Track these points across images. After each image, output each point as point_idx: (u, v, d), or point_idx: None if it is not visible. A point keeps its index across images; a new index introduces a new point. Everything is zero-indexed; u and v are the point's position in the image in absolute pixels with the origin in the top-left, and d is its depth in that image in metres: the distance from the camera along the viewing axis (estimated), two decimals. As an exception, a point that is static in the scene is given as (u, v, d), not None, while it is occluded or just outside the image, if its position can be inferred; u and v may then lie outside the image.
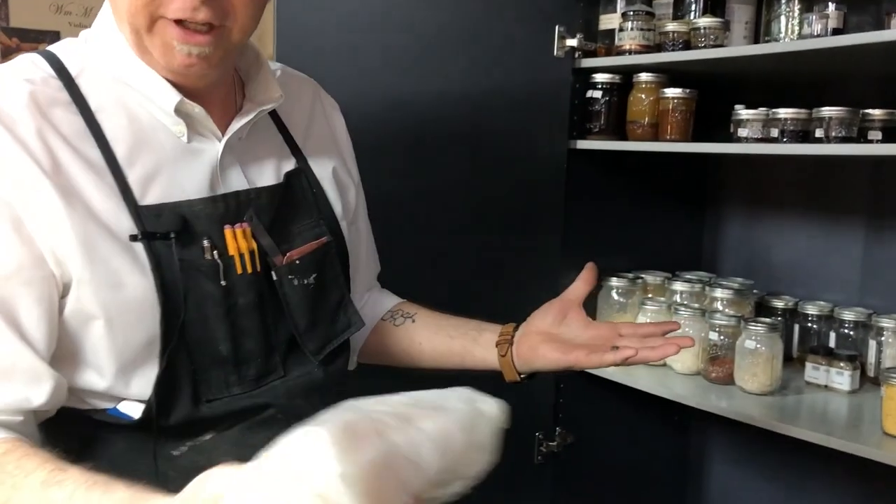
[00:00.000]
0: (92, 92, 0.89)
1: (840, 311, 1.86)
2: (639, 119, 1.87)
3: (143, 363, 0.87)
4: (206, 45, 0.86)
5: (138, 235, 0.85)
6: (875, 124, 1.56)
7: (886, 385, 1.53)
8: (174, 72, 0.88)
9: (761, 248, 2.16)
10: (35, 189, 0.82)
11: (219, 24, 0.86)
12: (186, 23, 0.84)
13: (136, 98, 0.90)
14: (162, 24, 0.85)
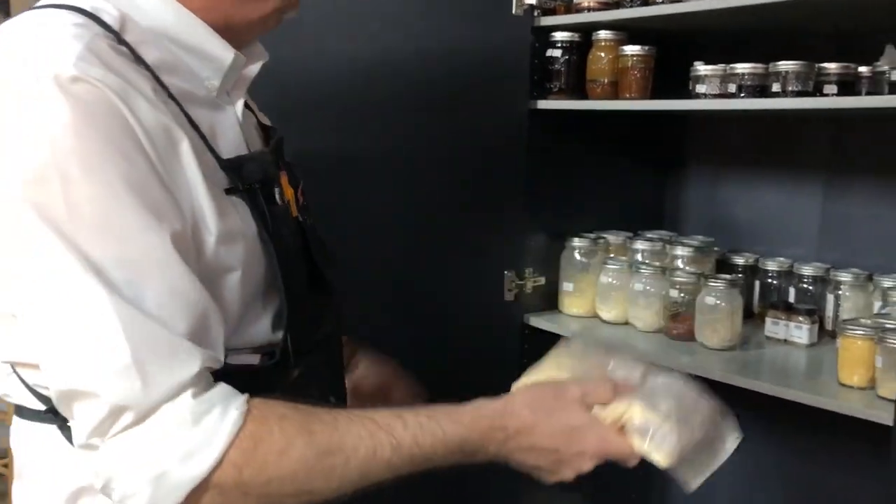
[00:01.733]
0: (141, 48, 0.82)
1: (799, 267, 1.88)
2: (598, 78, 1.86)
3: (255, 311, 0.89)
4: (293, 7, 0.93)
5: (238, 187, 0.87)
6: (831, 78, 1.56)
7: (842, 337, 1.55)
8: (264, 26, 0.91)
9: (723, 206, 2.17)
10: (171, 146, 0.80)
11: None
12: None
13: (176, 52, 0.87)
14: None
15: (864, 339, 1.50)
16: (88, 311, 0.72)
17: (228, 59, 0.90)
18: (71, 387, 0.74)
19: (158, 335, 0.74)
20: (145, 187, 0.75)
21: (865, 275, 1.79)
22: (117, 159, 0.74)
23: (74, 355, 0.73)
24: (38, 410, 0.85)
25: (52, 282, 0.73)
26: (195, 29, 0.87)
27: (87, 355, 0.73)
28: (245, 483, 0.76)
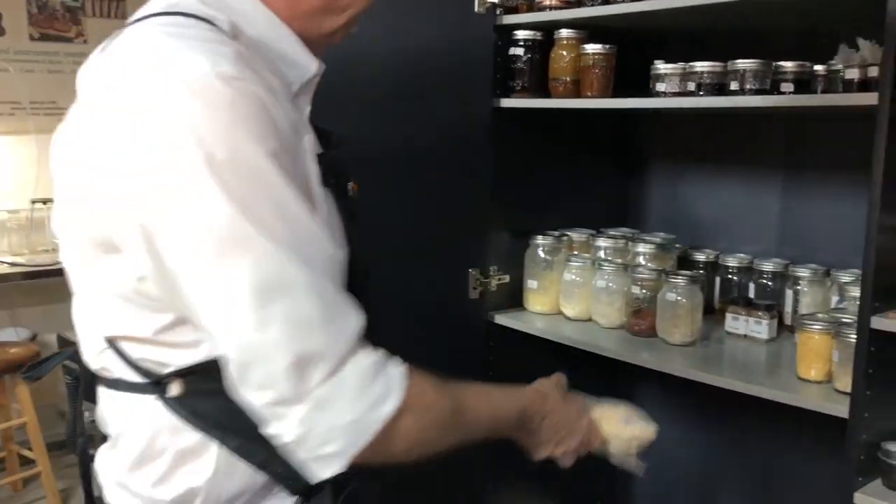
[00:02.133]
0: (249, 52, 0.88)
1: (759, 263, 1.90)
2: (561, 76, 1.87)
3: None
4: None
5: (330, 180, 0.93)
6: (787, 76, 1.58)
7: (800, 331, 1.58)
8: (330, 42, 1.00)
9: (684, 203, 2.19)
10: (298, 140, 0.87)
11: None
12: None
13: (273, 59, 0.92)
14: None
15: (821, 333, 1.53)
16: (284, 276, 0.79)
17: (313, 67, 0.97)
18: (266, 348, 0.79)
19: (336, 296, 0.83)
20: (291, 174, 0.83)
21: (823, 270, 1.82)
22: (271, 143, 0.80)
23: (272, 318, 0.79)
24: (136, 383, 0.90)
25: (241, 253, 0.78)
26: (288, 39, 0.94)
27: (284, 315, 0.79)
28: (410, 428, 0.88)
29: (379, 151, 1.86)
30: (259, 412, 0.83)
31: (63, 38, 3.61)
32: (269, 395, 0.81)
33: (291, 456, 0.84)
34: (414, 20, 1.87)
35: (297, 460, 0.85)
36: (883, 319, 1.37)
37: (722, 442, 2.17)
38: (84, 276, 0.91)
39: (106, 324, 0.90)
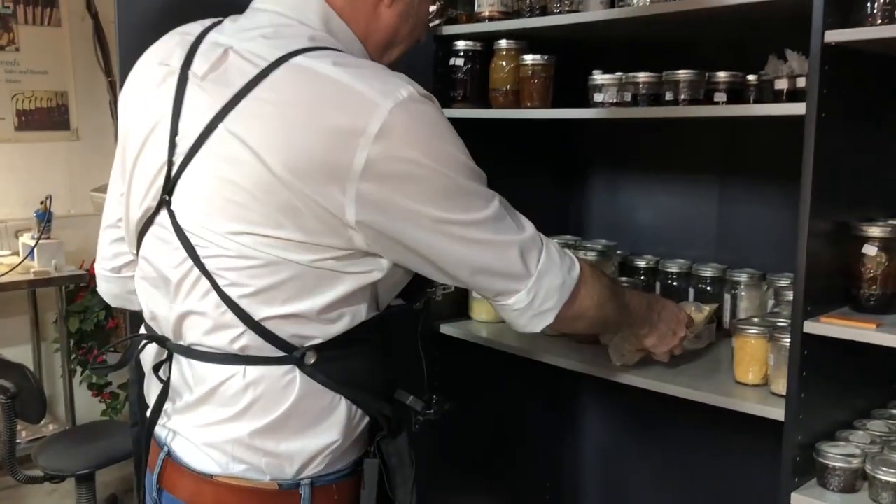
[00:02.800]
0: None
1: (697, 268, 1.94)
2: (500, 86, 1.88)
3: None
4: None
5: None
6: (721, 86, 1.62)
7: (737, 336, 1.61)
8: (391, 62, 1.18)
9: (624, 209, 2.23)
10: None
11: None
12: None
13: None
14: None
15: (756, 338, 1.56)
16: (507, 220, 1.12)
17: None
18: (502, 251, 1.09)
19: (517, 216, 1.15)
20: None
21: (759, 274, 1.86)
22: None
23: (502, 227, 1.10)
24: (275, 357, 1.04)
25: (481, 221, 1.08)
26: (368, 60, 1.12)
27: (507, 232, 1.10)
28: (590, 289, 1.19)
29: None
30: (497, 297, 1.13)
31: (-8, 45, 3.51)
32: (508, 280, 1.10)
33: (516, 321, 1.15)
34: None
35: (520, 323, 1.16)
36: (815, 323, 1.41)
37: (663, 445, 2.21)
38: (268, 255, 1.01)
39: (261, 307, 1.02)
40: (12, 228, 3.58)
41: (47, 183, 3.60)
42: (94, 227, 3.95)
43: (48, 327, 3.70)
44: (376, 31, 1.14)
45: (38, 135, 3.66)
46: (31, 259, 3.36)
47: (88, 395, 3.67)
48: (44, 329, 3.71)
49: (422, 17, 1.21)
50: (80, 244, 3.64)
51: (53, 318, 3.61)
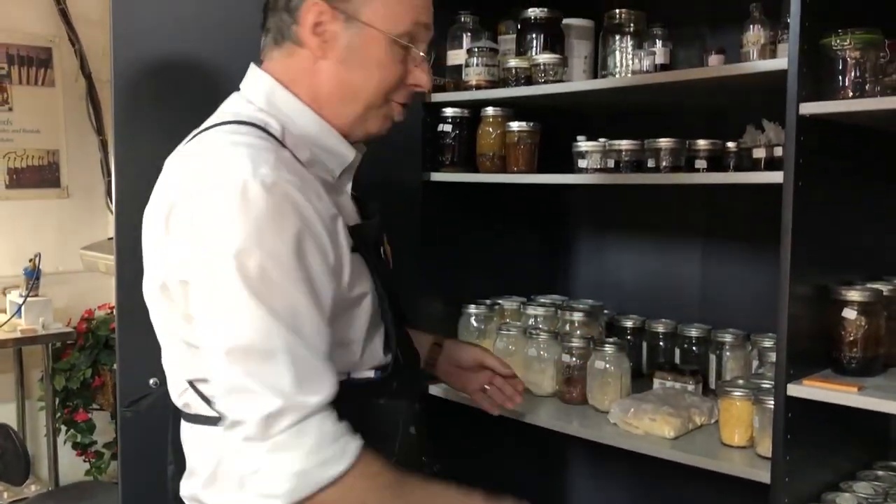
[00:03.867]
0: (295, 149, 1.10)
1: (683, 328, 1.96)
2: (487, 151, 1.93)
3: (371, 339, 1.16)
4: (404, 115, 1.22)
5: (361, 248, 1.13)
6: (701, 154, 1.67)
7: (722, 398, 1.63)
8: (373, 134, 1.19)
9: (610, 270, 2.26)
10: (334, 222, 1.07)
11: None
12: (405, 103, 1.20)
13: (316, 152, 1.14)
14: (389, 104, 1.18)
15: (741, 400, 1.58)
16: (269, 341, 0.98)
17: (351, 156, 1.18)
18: (246, 392, 0.98)
19: (314, 364, 1.00)
20: (312, 262, 1.02)
21: (743, 335, 1.89)
22: (299, 243, 1.00)
23: (255, 370, 0.98)
24: (210, 416, 1.08)
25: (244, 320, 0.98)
26: (330, 135, 1.15)
27: (264, 371, 0.98)
28: (348, 497, 1.01)
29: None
30: (230, 443, 0.99)
31: (-13, 105, 3.55)
32: (242, 431, 0.98)
33: (239, 490, 0.99)
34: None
35: (244, 495, 0.99)
36: (798, 386, 1.43)
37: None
38: (160, 326, 1.13)
39: (185, 368, 1.11)
40: (0, 286, 3.58)
41: (37, 240, 3.61)
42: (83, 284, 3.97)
43: (33, 385, 3.66)
44: (325, 90, 1.13)
45: (29, 192, 3.68)
46: (18, 317, 3.35)
47: (73, 455, 3.63)
48: (29, 387, 3.67)
49: (382, 62, 1.13)
50: (68, 301, 3.63)
51: (39, 376, 3.58)
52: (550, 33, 1.89)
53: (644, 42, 1.82)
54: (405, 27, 1.13)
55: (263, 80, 1.15)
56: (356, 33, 1.11)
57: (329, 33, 1.10)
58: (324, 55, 1.11)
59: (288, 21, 1.12)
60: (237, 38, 1.64)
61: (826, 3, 1.40)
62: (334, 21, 1.10)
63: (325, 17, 1.10)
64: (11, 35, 3.57)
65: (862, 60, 1.38)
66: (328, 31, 1.10)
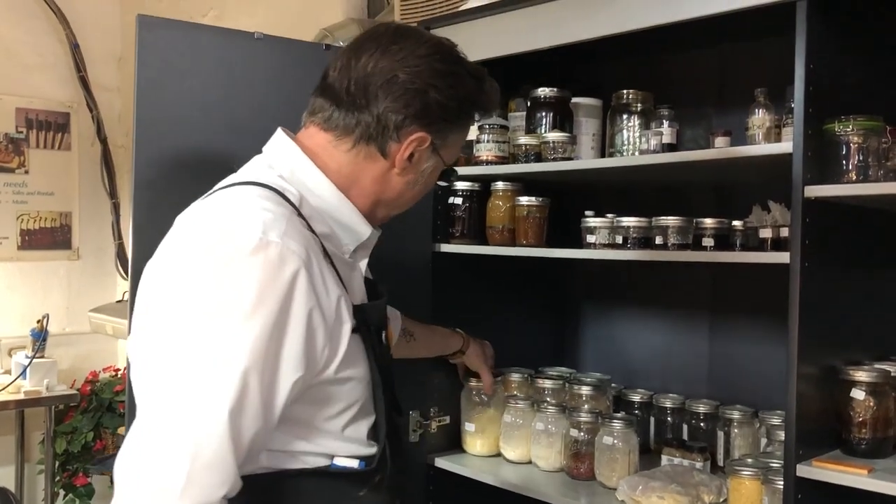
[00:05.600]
0: (311, 220, 1.11)
1: (691, 404, 1.96)
2: (497, 224, 1.96)
3: (357, 424, 1.14)
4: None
5: (361, 329, 1.12)
6: (708, 232, 1.69)
7: (731, 477, 1.62)
8: (381, 222, 1.23)
9: (617, 343, 2.27)
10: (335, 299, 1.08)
11: None
12: None
13: (332, 225, 1.16)
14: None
15: (750, 479, 1.58)
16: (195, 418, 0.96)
17: (367, 233, 1.20)
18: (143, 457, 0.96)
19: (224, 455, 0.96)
20: (289, 341, 1.01)
21: (752, 412, 1.88)
22: (281, 316, 1.00)
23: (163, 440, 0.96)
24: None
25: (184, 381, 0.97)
26: (350, 212, 1.17)
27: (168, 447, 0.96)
28: None
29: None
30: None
31: (5, 168, 3.61)
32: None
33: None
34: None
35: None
36: (808, 467, 1.43)
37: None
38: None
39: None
40: (6, 346, 3.58)
41: (45, 301, 3.64)
42: (88, 346, 4.00)
43: (34, 448, 3.64)
44: (384, 197, 1.19)
45: (40, 254, 3.72)
46: (22, 378, 3.34)
47: (70, 520, 3.58)
48: (29, 450, 3.65)
49: (429, 186, 1.25)
50: (73, 362, 3.64)
51: (40, 439, 3.56)
52: (560, 112, 1.94)
53: (651, 121, 1.86)
54: (457, 157, 1.28)
55: (292, 151, 1.16)
56: (432, 163, 1.20)
57: (416, 159, 1.17)
58: (401, 173, 1.18)
59: (385, 133, 1.14)
60: (260, 104, 1.70)
61: (828, 90, 1.44)
62: (425, 151, 1.18)
63: (423, 147, 1.16)
64: (31, 101, 3.67)
65: (864, 146, 1.42)
66: (417, 157, 1.17)
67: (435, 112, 1.15)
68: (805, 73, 1.40)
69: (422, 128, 1.15)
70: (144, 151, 1.62)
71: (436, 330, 1.91)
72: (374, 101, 1.13)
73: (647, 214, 1.75)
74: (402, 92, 1.12)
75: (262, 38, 1.70)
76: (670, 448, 1.87)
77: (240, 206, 1.06)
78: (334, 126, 1.15)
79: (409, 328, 1.76)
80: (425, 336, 1.84)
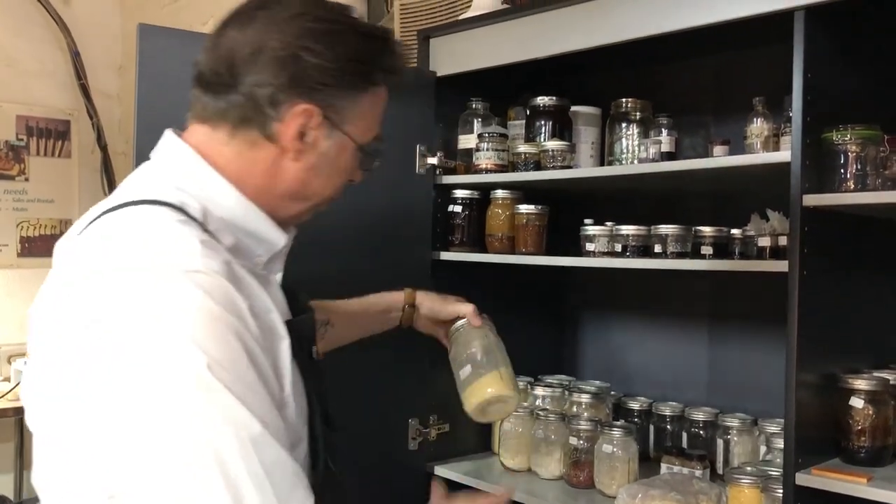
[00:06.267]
0: (219, 235, 0.97)
1: (690, 412, 1.96)
2: (496, 232, 1.97)
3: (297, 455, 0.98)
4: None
5: (296, 349, 0.99)
6: (706, 240, 1.70)
7: (730, 485, 1.62)
8: (296, 222, 1.09)
9: (616, 351, 2.27)
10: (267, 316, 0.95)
11: None
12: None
13: (241, 237, 1.01)
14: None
15: (750, 487, 1.58)
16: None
17: (282, 241, 1.05)
18: None
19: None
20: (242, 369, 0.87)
21: (751, 420, 1.88)
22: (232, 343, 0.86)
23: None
24: None
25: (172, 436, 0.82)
26: (257, 217, 1.02)
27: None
28: None
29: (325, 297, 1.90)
30: None
31: (5, 175, 3.62)
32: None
33: None
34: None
35: None
36: (807, 476, 1.43)
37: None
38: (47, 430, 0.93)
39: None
40: (5, 353, 3.58)
41: (44, 308, 3.64)
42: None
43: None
44: (280, 188, 1.02)
45: (40, 261, 3.71)
46: (22, 386, 3.34)
47: (69, 527, 3.57)
48: (28, 457, 3.63)
49: (346, 169, 1.07)
50: (72, 370, 3.63)
51: (39, 446, 3.55)
52: (559, 120, 1.95)
53: (650, 130, 1.87)
54: (372, 135, 1.08)
55: (184, 154, 1.01)
56: (335, 142, 1.03)
57: (312, 139, 1.01)
58: (295, 158, 1.02)
59: (265, 114, 1.00)
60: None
61: (827, 99, 1.45)
62: (320, 128, 1.01)
63: (313, 122, 1.01)
64: (32, 108, 3.67)
65: (862, 155, 1.42)
66: (311, 137, 1.01)
67: (313, 78, 0.99)
68: (803, 82, 1.41)
69: (302, 99, 0.99)
70: (145, 159, 1.62)
71: (365, 300, 1.62)
72: (240, 78, 0.98)
73: (646, 223, 1.75)
74: (269, 61, 0.98)
75: (263, 46, 1.71)
76: (670, 456, 1.87)
77: (137, 233, 0.91)
78: (208, 115, 1.01)
79: (324, 316, 1.46)
80: (348, 317, 1.57)
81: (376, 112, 1.08)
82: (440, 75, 2.03)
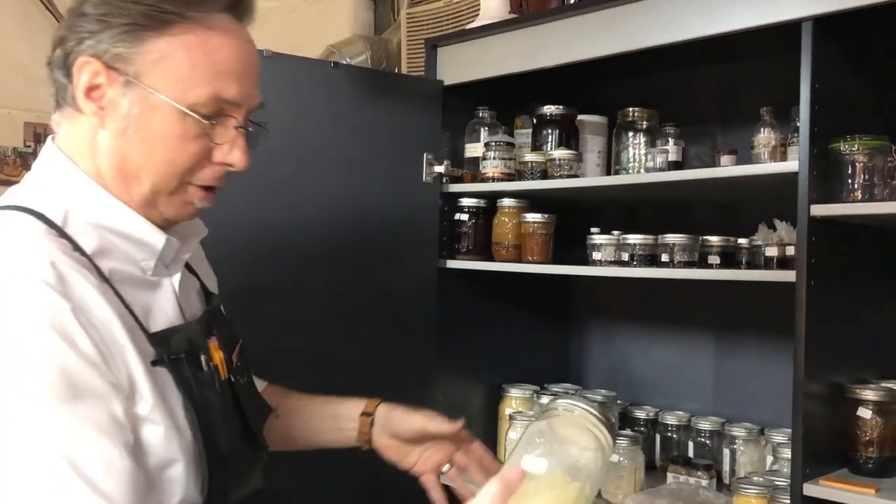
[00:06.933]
0: (80, 239, 0.91)
1: (696, 421, 1.95)
2: (503, 241, 1.97)
3: (177, 474, 0.90)
4: (213, 199, 0.99)
5: (164, 359, 0.91)
6: (713, 250, 1.70)
7: (737, 495, 1.61)
8: (173, 220, 0.98)
9: (622, 359, 2.26)
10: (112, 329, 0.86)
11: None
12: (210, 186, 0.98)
13: (112, 239, 0.94)
14: (186, 188, 0.96)
15: (757, 498, 1.57)
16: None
17: (160, 242, 0.97)
18: None
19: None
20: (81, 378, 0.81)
21: (758, 429, 1.87)
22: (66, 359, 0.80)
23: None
24: None
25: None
26: (129, 218, 0.95)
27: None
28: None
29: (334, 306, 1.90)
30: None
31: (13, 182, 3.62)
32: None
33: None
34: (368, 187, 1.96)
35: None
36: (815, 486, 1.42)
37: None
38: None
39: None
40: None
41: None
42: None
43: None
44: (104, 166, 0.94)
45: (46, 267, 3.74)
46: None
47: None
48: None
49: (168, 137, 0.92)
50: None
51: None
52: (565, 129, 1.95)
53: (657, 139, 1.87)
54: (202, 96, 0.92)
55: (48, 153, 0.96)
56: (137, 101, 0.91)
57: (106, 99, 0.91)
58: (101, 124, 0.92)
59: (63, 81, 0.93)
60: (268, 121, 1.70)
61: (834, 109, 1.45)
62: (112, 84, 0.91)
63: (100, 78, 0.91)
64: (40, 115, 3.69)
65: (870, 165, 1.42)
66: (105, 96, 0.91)
67: (84, 28, 0.91)
68: (811, 91, 1.41)
69: (80, 52, 0.91)
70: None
71: (319, 397, 1.36)
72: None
73: (653, 232, 1.75)
74: (67, 22, 0.93)
75: (271, 55, 1.72)
76: (676, 466, 1.86)
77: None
78: (55, 101, 0.97)
79: (276, 402, 1.24)
80: (295, 411, 1.31)
81: (201, 64, 0.92)
82: (447, 84, 2.04)
